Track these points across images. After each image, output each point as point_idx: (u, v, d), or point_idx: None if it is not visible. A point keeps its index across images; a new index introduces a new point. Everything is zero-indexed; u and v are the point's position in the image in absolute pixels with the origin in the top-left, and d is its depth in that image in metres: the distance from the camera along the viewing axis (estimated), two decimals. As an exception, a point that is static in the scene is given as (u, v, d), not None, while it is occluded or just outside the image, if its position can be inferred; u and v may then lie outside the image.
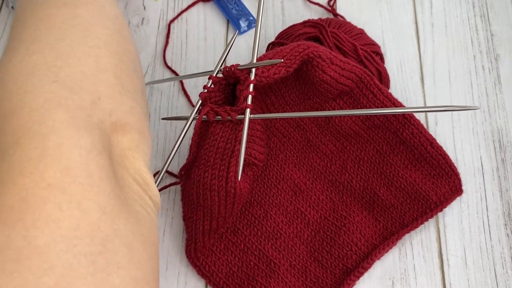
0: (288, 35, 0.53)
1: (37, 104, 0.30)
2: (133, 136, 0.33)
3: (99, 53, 0.35)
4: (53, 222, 0.26)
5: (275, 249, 0.49)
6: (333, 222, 0.50)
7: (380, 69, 0.52)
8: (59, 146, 0.28)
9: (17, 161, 0.28)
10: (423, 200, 0.49)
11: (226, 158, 0.43)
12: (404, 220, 0.49)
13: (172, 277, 0.49)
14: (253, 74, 0.42)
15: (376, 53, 0.53)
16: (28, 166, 0.27)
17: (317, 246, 0.49)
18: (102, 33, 0.36)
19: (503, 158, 0.54)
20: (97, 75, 0.33)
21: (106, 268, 0.27)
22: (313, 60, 0.44)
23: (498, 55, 0.60)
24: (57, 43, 0.34)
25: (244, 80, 0.42)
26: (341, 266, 0.48)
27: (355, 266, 0.48)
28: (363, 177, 0.51)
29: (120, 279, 0.28)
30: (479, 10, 0.63)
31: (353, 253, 0.48)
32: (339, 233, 0.49)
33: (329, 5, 0.62)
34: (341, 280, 0.47)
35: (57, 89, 0.31)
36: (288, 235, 0.49)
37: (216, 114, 0.43)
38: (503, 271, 0.49)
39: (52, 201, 0.27)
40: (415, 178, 0.49)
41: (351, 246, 0.48)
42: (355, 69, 0.47)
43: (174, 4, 0.63)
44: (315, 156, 0.52)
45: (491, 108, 0.57)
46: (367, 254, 0.48)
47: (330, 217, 0.50)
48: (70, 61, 0.33)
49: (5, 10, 0.63)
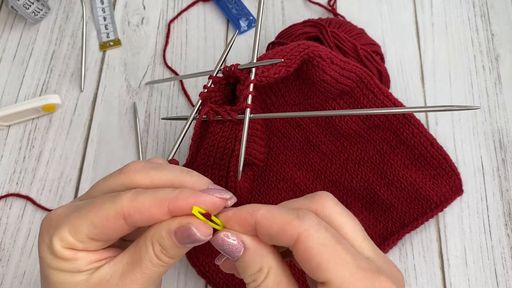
0: (288, 34, 0.53)
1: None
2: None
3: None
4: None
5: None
6: None
7: (380, 69, 0.51)
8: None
9: None
10: (424, 200, 0.49)
11: (226, 158, 0.42)
12: (405, 220, 0.49)
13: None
14: (253, 74, 0.42)
15: (376, 53, 0.53)
16: None
17: None
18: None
19: (503, 158, 0.54)
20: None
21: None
22: (314, 60, 0.44)
23: (498, 55, 0.60)
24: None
25: (244, 80, 0.42)
26: None
27: None
28: (363, 177, 0.51)
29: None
30: (479, 10, 0.62)
31: None
32: None
33: (329, 5, 0.62)
34: None
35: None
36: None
37: (216, 114, 0.43)
38: (504, 271, 0.49)
39: None
40: (416, 178, 0.49)
41: None
42: (355, 69, 0.47)
43: (174, 4, 0.63)
44: (315, 156, 0.51)
45: (491, 108, 0.57)
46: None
47: None
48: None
49: (5, 10, 0.63)
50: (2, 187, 0.53)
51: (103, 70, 0.59)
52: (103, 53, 0.60)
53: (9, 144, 0.56)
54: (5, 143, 0.56)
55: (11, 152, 0.55)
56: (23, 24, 0.62)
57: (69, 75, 0.59)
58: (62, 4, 0.63)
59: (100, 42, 0.61)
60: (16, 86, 0.58)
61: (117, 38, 0.61)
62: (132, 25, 0.62)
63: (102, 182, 0.31)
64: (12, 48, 0.61)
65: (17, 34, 0.61)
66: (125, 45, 0.61)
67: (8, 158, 0.55)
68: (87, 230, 0.28)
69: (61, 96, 0.58)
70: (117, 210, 0.28)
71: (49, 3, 0.62)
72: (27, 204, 0.53)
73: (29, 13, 0.59)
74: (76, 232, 0.28)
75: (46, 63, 0.60)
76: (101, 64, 0.60)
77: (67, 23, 0.62)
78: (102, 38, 0.61)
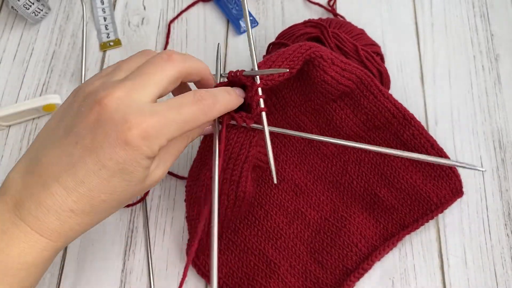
0: (289, 35, 0.53)
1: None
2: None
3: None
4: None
5: (275, 250, 0.49)
6: (333, 223, 0.50)
7: (381, 69, 0.52)
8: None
9: None
10: (424, 201, 0.49)
11: (239, 163, 0.42)
12: (405, 221, 0.49)
13: (172, 277, 0.49)
14: (258, 78, 0.42)
15: (376, 54, 0.53)
16: None
17: (318, 246, 0.49)
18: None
19: (503, 158, 0.54)
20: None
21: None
22: (315, 60, 0.44)
23: (498, 55, 0.60)
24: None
25: (251, 85, 0.42)
26: (341, 267, 0.48)
27: (355, 267, 0.48)
28: (364, 178, 0.51)
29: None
30: (479, 10, 0.63)
31: (354, 254, 0.48)
32: (339, 234, 0.49)
33: (329, 5, 0.62)
34: (341, 281, 0.47)
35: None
36: (288, 236, 0.49)
37: (232, 119, 0.42)
38: (503, 271, 0.49)
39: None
40: (416, 180, 0.49)
41: (351, 247, 0.48)
42: (355, 70, 0.47)
43: (174, 4, 0.63)
44: (316, 157, 0.52)
45: (491, 108, 0.57)
46: (367, 255, 0.48)
47: (331, 218, 0.50)
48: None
49: (5, 10, 0.63)
50: (2, 187, 0.54)
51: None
52: (103, 53, 0.61)
53: (9, 144, 0.56)
54: (5, 143, 0.56)
55: (12, 152, 0.55)
56: (23, 24, 0.62)
57: (70, 75, 0.59)
58: (63, 4, 0.63)
59: (100, 42, 0.61)
60: (17, 86, 0.58)
61: (117, 38, 0.61)
62: (132, 25, 0.62)
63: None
64: (12, 48, 0.61)
65: (18, 34, 0.61)
66: (125, 45, 0.61)
67: (8, 158, 0.55)
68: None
69: (62, 96, 0.58)
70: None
71: (49, 3, 0.63)
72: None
73: (30, 14, 0.59)
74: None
75: (47, 63, 0.60)
76: (102, 64, 0.60)
77: (67, 23, 0.62)
78: (102, 38, 0.61)
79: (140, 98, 0.34)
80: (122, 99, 0.33)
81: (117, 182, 0.33)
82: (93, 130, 0.32)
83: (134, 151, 0.32)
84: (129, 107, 0.33)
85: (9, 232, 0.33)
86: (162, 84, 0.35)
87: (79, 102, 0.35)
